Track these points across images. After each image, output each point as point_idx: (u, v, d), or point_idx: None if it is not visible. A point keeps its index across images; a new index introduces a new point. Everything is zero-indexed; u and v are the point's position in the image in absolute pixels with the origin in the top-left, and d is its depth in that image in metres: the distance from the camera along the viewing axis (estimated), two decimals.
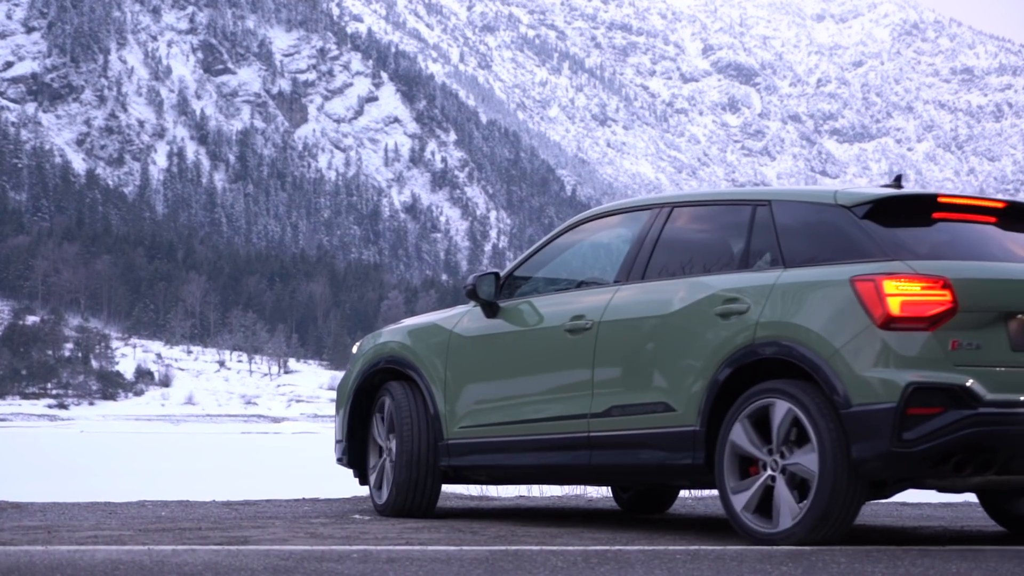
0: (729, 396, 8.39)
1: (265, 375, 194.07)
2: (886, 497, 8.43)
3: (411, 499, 10.01)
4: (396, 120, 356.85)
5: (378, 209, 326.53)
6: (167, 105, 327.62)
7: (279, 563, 7.41)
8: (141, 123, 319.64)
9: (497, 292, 9.78)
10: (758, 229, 8.66)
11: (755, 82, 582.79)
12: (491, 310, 9.79)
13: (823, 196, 8.55)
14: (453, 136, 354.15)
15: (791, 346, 8.07)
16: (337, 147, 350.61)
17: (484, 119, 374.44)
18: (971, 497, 13.35)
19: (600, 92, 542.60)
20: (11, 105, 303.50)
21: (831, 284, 8.08)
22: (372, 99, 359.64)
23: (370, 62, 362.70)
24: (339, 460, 10.62)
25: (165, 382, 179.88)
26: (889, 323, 7.87)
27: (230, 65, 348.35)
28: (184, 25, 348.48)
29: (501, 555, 7.79)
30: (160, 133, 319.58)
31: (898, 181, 8.92)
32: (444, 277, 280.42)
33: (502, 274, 9.86)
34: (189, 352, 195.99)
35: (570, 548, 8.11)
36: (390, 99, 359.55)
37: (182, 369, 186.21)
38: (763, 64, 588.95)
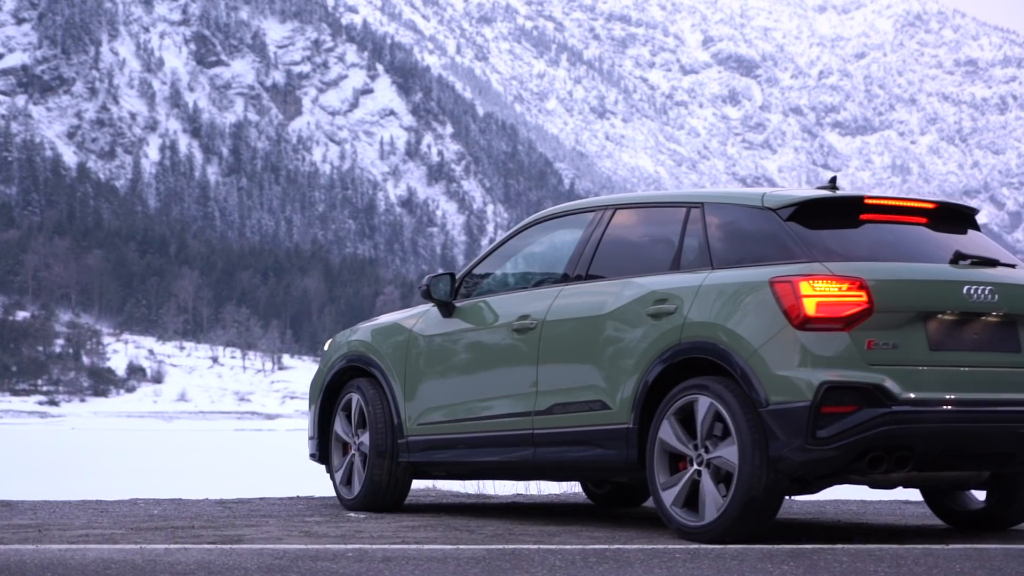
0: (659, 394, 8.73)
1: (259, 371, 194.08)
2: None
3: (381, 495, 10.39)
4: (392, 113, 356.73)
5: (373, 203, 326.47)
6: (159, 97, 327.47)
7: (273, 562, 7.41)
8: (133, 116, 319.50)
9: (454, 292, 10.23)
10: (690, 231, 8.99)
11: (756, 74, 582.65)
12: (447, 310, 10.22)
13: (751, 198, 8.88)
14: (449, 129, 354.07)
15: (714, 345, 8.41)
16: (332, 140, 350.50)
17: (481, 112, 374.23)
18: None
19: (599, 84, 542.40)
20: (1, 98, 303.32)
21: (752, 285, 8.40)
22: (367, 91, 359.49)
23: (365, 54, 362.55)
24: (312, 456, 11.00)
25: (157, 379, 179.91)
26: (805, 323, 8.18)
27: (223, 57, 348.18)
28: (177, 16, 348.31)
29: (498, 554, 7.79)
30: (152, 126, 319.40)
31: (833, 183, 9.13)
32: (440, 272, 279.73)
33: (458, 275, 10.31)
34: (182, 348, 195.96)
35: (568, 547, 8.11)
36: (386, 91, 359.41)
37: (175, 365, 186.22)
38: (764, 56, 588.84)
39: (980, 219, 9.66)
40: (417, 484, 12.91)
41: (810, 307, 8.19)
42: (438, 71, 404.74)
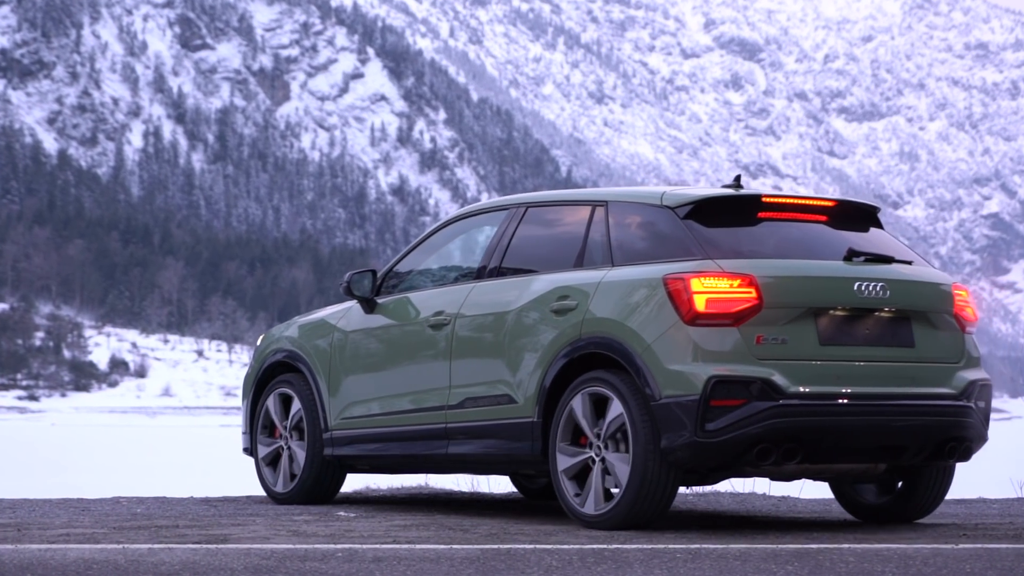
0: (562, 389, 9.23)
1: (245, 365, 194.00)
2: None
3: (309, 488, 10.92)
4: (383, 98, 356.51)
5: (364, 191, 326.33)
6: (143, 82, 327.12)
7: (260, 563, 7.41)
8: (115, 101, 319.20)
9: (376, 289, 10.73)
10: (594, 229, 9.50)
11: (759, 58, 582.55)
12: (369, 306, 10.73)
13: (651, 197, 9.40)
14: (443, 115, 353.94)
15: (612, 341, 8.92)
16: (321, 126, 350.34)
17: (475, 97, 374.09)
18: (985, 493, 13.39)
19: (597, 68, 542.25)
20: None
21: (647, 282, 8.91)
22: (358, 76, 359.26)
23: (356, 37, 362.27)
24: (245, 450, 11.53)
25: (141, 373, 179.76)
26: (696, 319, 8.69)
27: (209, 40, 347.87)
28: None
29: (493, 554, 7.80)
30: (135, 111, 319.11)
31: (737, 181, 9.61)
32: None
33: (380, 272, 10.81)
34: (166, 341, 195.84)
35: (565, 546, 8.12)
36: (376, 76, 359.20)
37: (158, 359, 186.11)
38: (768, 39, 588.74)
39: (991, 207, 9.91)
40: (409, 480, 12.94)
41: (700, 303, 8.68)
42: (431, 55, 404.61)
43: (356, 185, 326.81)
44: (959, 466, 9.83)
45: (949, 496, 12.71)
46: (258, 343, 11.73)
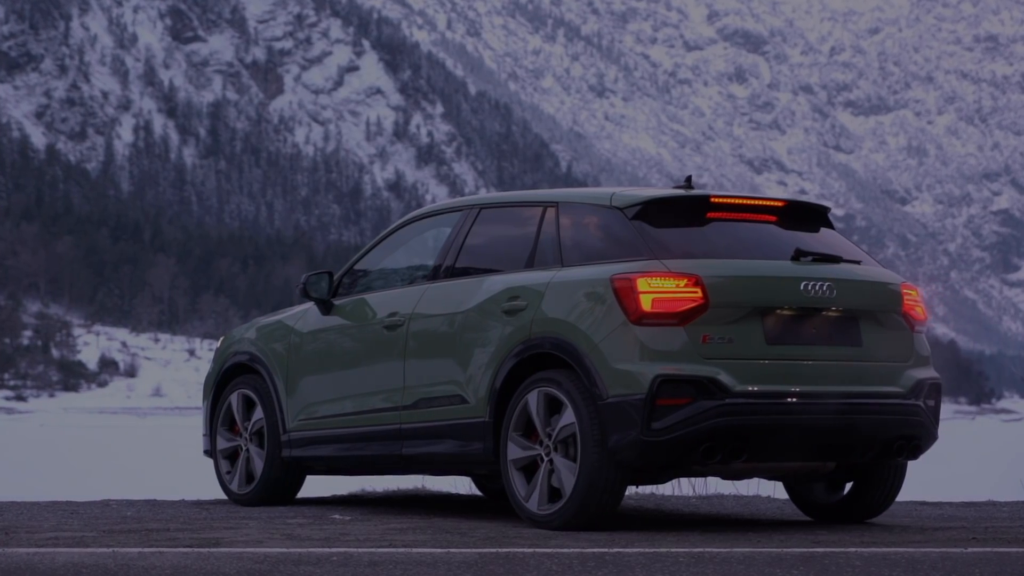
0: (513, 389, 9.43)
1: None
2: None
3: (269, 490, 11.11)
4: (379, 91, 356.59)
5: (359, 187, 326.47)
6: (133, 75, 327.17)
7: (253, 567, 7.41)
8: (105, 95, 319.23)
9: (333, 290, 10.93)
10: (545, 230, 9.71)
11: (764, 50, 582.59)
12: (325, 308, 10.94)
13: (601, 198, 9.62)
14: (440, 108, 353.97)
15: (561, 341, 9.12)
16: (315, 120, 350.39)
17: (473, 90, 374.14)
18: (995, 495, 13.39)
19: (597, 61, 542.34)
20: None
21: (595, 282, 9.11)
22: (353, 69, 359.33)
23: (351, 29, 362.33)
24: (205, 452, 11.72)
25: (131, 372, 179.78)
26: (642, 319, 8.90)
27: (200, 32, 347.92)
28: None
29: (491, 558, 7.81)
30: (125, 105, 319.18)
31: (688, 182, 9.84)
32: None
33: (337, 273, 11.03)
34: (157, 340, 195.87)
35: (565, 550, 8.13)
36: (372, 69, 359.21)
37: (149, 358, 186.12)
38: (772, 31, 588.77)
39: (1001, 203, 10.04)
40: (406, 482, 12.94)
41: (647, 303, 8.89)
42: (428, 47, 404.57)
43: (351, 180, 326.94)
44: (967, 467, 10.01)
45: (958, 499, 12.76)
46: (218, 344, 11.96)
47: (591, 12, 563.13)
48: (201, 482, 14.60)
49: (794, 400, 8.99)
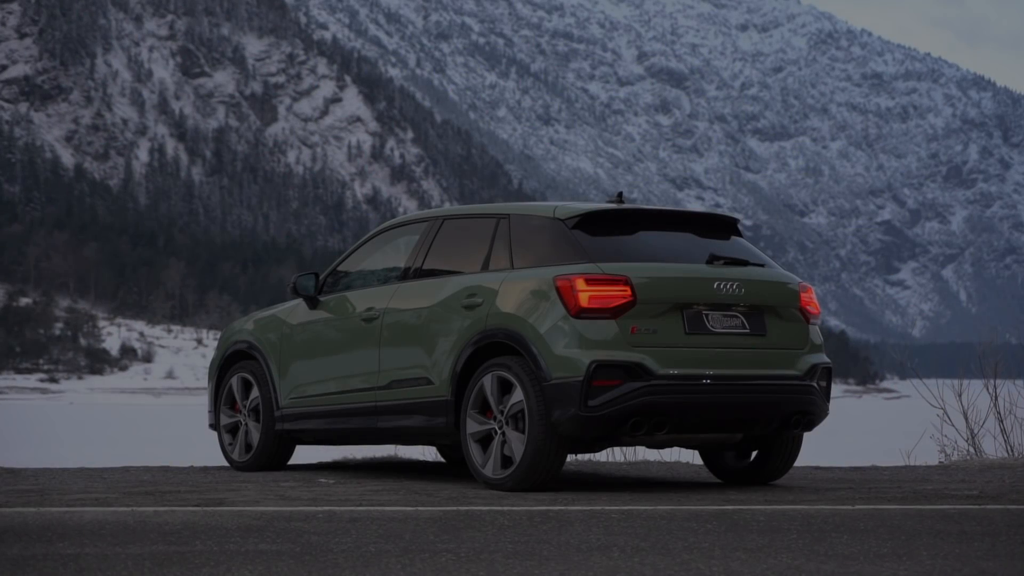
0: (471, 372, 9.56)
1: None
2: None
3: (265, 458, 11.12)
4: (358, 119, 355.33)
5: (342, 200, 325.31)
6: (148, 105, 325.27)
7: (251, 523, 7.40)
8: (125, 121, 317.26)
9: (318, 288, 10.98)
10: (499, 238, 9.79)
11: (685, 86, 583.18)
12: (312, 303, 10.99)
13: (546, 211, 9.73)
14: (411, 134, 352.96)
15: (511, 332, 9.25)
16: (305, 144, 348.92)
17: (439, 119, 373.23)
18: (877, 462, 13.43)
19: (544, 94, 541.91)
20: (5, 105, 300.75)
21: (540, 282, 9.24)
22: (336, 100, 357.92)
23: (335, 66, 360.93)
24: (211, 426, 11.77)
25: (148, 358, 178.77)
26: (580, 313, 9.03)
27: (207, 69, 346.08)
28: (164, 32, 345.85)
29: (453, 515, 7.81)
30: (142, 131, 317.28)
31: (619, 197, 9.98)
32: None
33: (322, 274, 11.09)
34: (169, 331, 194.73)
35: (516, 508, 8.14)
36: (353, 100, 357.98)
37: (163, 346, 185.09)
38: (692, 69, 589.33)
39: (884, 216, 10.12)
40: (381, 451, 12.91)
41: (584, 300, 9.02)
42: (400, 82, 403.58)
43: (335, 195, 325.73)
44: (854, 438, 10.11)
45: (846, 463, 12.80)
46: (222, 334, 12.00)
47: (539, 52, 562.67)
48: (207, 451, 14.55)
49: (708, 381, 9.13)
